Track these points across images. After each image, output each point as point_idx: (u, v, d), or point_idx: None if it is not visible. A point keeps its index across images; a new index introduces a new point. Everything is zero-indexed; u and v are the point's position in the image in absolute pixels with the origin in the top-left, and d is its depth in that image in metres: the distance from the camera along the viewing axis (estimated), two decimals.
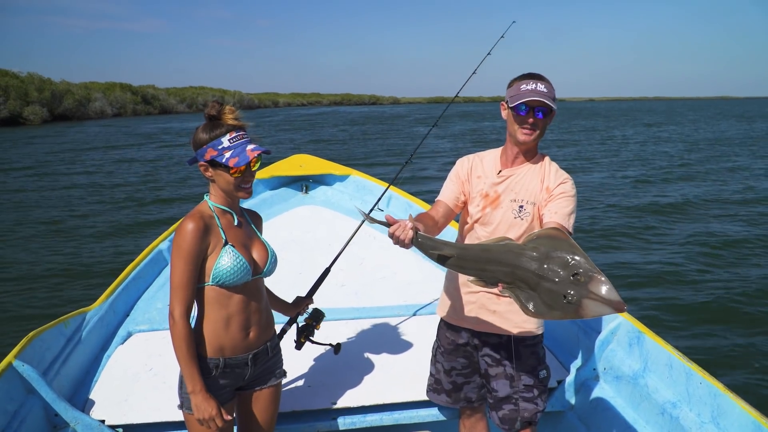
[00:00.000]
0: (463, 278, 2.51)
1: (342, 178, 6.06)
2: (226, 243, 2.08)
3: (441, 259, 2.00)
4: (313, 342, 2.81)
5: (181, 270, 1.98)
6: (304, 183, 6.15)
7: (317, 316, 2.83)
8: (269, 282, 2.56)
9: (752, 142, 29.26)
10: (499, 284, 1.88)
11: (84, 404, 2.76)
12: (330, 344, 2.88)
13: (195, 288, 2.03)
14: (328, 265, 3.15)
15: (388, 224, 2.07)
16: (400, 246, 2.05)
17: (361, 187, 5.97)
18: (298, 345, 2.78)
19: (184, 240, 1.98)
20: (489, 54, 3.44)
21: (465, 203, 2.50)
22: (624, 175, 17.71)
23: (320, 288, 3.00)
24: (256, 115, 73.95)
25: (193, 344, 2.01)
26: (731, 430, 2.25)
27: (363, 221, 3.53)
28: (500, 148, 2.49)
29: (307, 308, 2.77)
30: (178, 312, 1.98)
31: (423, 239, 2.04)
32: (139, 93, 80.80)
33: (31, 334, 2.76)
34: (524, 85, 2.27)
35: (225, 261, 2.04)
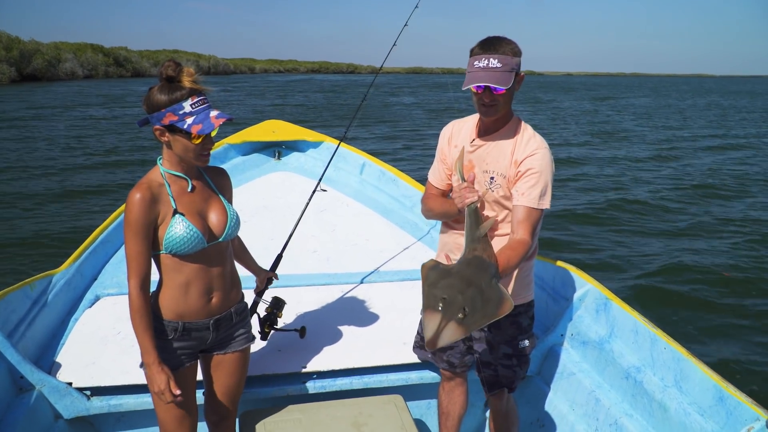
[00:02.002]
0: (451, 251, 2.52)
1: (315, 145, 6.00)
2: (175, 212, 2.01)
3: (470, 235, 2.09)
4: (277, 330, 2.87)
5: (131, 242, 1.96)
6: (276, 149, 6.04)
7: (278, 305, 2.85)
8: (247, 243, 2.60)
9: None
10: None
11: (51, 367, 2.73)
12: (295, 329, 2.94)
13: (149, 258, 2.01)
14: (287, 237, 3.23)
15: (463, 178, 2.26)
16: (456, 201, 2.18)
17: (335, 153, 5.89)
18: (263, 335, 2.82)
19: (130, 212, 1.94)
20: (406, 25, 3.51)
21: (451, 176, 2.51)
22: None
23: (292, 254, 3.01)
24: (231, 80, 72.80)
25: (147, 316, 2.00)
26: (693, 393, 2.32)
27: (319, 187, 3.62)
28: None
29: (270, 285, 2.80)
30: (133, 284, 1.97)
31: (476, 212, 2.15)
32: (111, 55, 78.61)
33: None
34: (477, 62, 2.14)
35: (174, 230, 1.99)
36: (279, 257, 3.09)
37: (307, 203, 3.45)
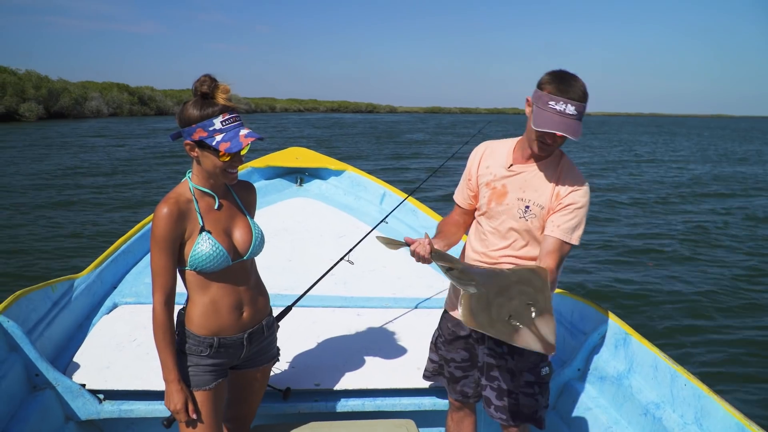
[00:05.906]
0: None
1: (337, 173, 6.08)
2: (202, 229, 1.98)
3: (448, 272, 2.08)
4: None
5: (157, 257, 1.94)
6: (299, 175, 6.16)
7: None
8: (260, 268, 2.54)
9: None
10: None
11: (66, 367, 2.76)
12: (279, 389, 2.76)
13: (174, 273, 1.98)
14: (296, 299, 3.10)
15: (407, 244, 2.17)
16: (423, 262, 2.15)
17: (357, 182, 5.98)
18: None
19: (157, 227, 1.92)
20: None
21: (476, 197, 2.45)
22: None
23: (310, 276, 2.92)
24: (251, 119, 74.46)
25: (170, 332, 1.98)
26: (714, 431, 2.24)
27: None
28: (517, 139, 2.34)
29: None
30: (157, 299, 1.95)
31: (438, 254, 2.14)
32: (136, 94, 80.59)
33: (18, 293, 2.75)
34: (552, 103, 2.02)
35: (201, 248, 1.96)
36: (288, 309, 2.96)
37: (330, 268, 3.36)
